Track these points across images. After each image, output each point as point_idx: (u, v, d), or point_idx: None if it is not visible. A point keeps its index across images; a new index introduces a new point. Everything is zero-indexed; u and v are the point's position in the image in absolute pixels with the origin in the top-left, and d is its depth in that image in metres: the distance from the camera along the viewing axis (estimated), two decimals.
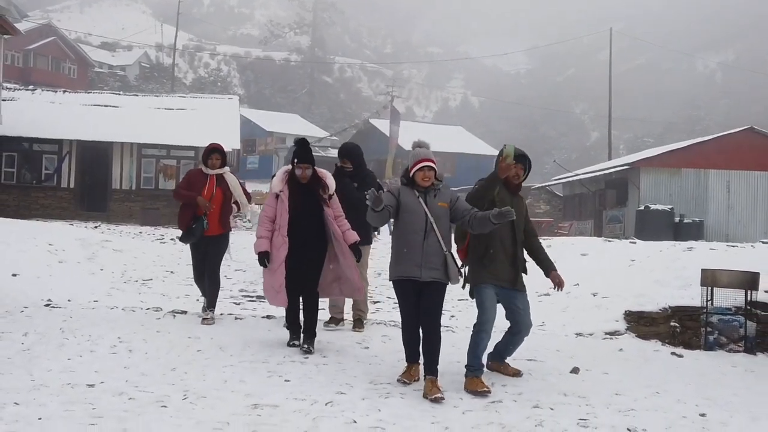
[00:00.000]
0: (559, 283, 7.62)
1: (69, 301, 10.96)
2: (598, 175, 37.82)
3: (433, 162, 7.00)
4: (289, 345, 8.41)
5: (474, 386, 6.96)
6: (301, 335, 8.42)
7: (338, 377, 7.40)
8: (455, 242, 7.53)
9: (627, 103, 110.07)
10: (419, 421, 6.14)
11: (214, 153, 9.91)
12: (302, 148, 8.18)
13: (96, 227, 25.82)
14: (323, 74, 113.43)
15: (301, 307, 8.46)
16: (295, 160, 8.16)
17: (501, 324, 7.55)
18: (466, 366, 7.16)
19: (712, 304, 10.20)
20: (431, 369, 6.84)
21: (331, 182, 8.37)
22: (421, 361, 7.03)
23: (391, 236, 7.41)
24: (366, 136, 60.28)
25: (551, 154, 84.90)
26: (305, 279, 8.25)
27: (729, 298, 10.32)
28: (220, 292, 10.29)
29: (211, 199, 9.70)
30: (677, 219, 30.98)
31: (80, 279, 13.10)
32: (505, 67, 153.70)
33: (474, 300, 7.41)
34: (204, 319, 9.74)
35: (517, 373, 7.68)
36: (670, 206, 31.47)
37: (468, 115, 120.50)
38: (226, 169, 10.03)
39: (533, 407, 6.66)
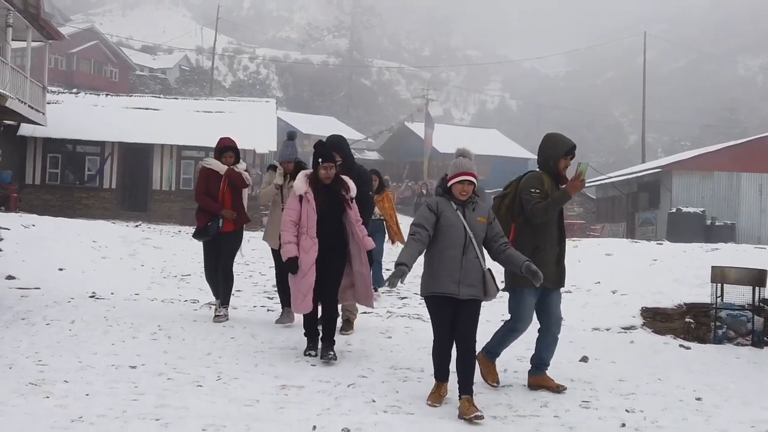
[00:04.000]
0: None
1: (112, 293, 11.57)
2: (631, 177, 37.99)
3: (474, 176, 6.61)
4: (305, 354, 8.07)
5: (488, 370, 7.22)
6: (320, 344, 8.11)
7: (361, 362, 7.95)
8: None
9: (667, 106, 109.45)
10: None
11: (227, 151, 9.78)
12: (324, 147, 8.04)
13: (137, 226, 26.54)
14: (361, 77, 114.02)
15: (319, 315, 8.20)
16: (320, 160, 7.95)
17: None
18: (484, 349, 7.23)
19: (722, 300, 10.62)
20: (467, 388, 6.46)
21: (353, 184, 8.18)
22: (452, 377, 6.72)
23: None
24: (401, 138, 60.82)
25: (588, 158, 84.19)
26: (327, 285, 8.02)
27: (742, 295, 10.69)
28: (253, 287, 10.77)
29: (224, 196, 9.71)
30: (708, 222, 31.18)
31: (122, 274, 13.78)
32: (543, 69, 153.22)
33: (509, 298, 7.24)
34: (216, 316, 9.72)
35: (560, 387, 7.21)
36: (701, 209, 31.66)
37: (506, 118, 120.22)
38: (243, 165, 9.94)
39: (540, 391, 7.16)
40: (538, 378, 7.30)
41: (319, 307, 8.13)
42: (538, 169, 7.34)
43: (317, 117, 75.94)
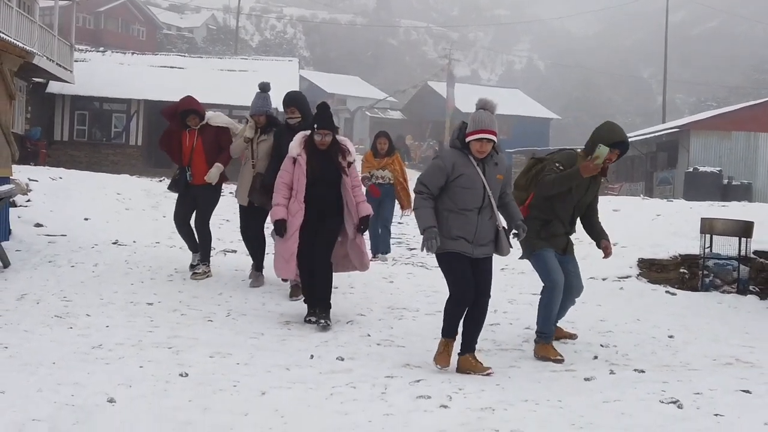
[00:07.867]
0: (607, 253, 7.45)
1: (134, 241, 12.16)
2: (649, 137, 38.11)
3: (494, 134, 6.22)
4: (305, 320, 7.67)
5: (546, 352, 6.73)
6: (315, 309, 7.75)
7: (361, 303, 8.58)
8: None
9: (697, 67, 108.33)
10: (425, 337, 7.22)
11: (190, 115, 9.50)
12: (323, 112, 7.70)
13: (160, 181, 27.19)
14: (388, 37, 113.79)
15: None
16: (315, 126, 7.65)
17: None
18: (537, 332, 6.88)
19: (711, 250, 11.08)
20: (471, 345, 6.45)
21: (352, 149, 7.95)
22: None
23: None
24: (425, 98, 60.95)
25: (615, 118, 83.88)
26: (319, 250, 7.73)
27: (730, 246, 11.12)
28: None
29: (192, 151, 9.40)
30: (725, 181, 31.35)
31: (144, 224, 14.39)
32: (573, 29, 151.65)
33: (533, 266, 7.10)
34: (195, 273, 9.41)
35: (572, 336, 7.46)
36: (718, 168, 31.85)
37: (533, 78, 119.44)
38: (209, 115, 9.66)
39: (525, 328, 7.72)
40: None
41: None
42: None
43: (341, 76, 76.10)
